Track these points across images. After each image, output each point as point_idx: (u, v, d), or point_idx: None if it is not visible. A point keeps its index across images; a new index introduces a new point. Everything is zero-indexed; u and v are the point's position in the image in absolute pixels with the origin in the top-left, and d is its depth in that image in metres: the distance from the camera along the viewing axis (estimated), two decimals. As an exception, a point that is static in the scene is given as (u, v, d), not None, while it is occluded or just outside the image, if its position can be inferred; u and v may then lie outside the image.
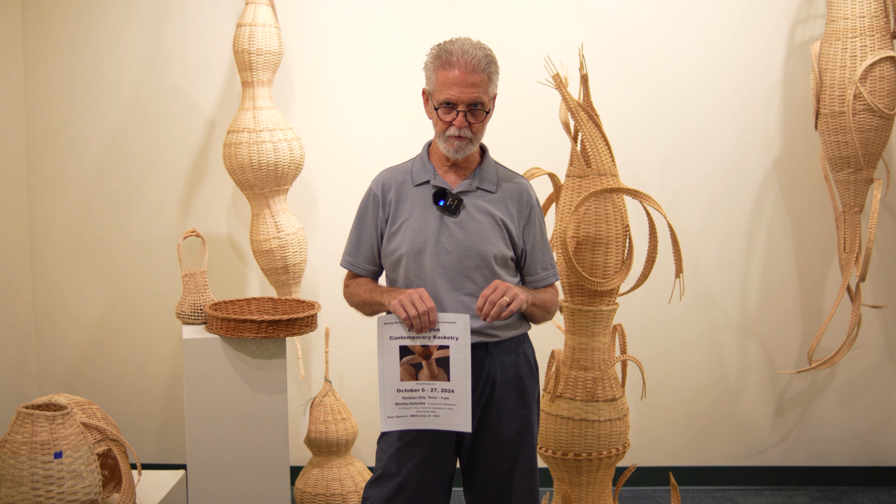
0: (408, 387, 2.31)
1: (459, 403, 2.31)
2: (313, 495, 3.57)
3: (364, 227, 2.47)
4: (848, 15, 3.51)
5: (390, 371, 2.30)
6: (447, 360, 2.30)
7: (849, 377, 4.06)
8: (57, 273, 4.05)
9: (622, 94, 3.91)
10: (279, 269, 3.67)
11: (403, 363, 2.30)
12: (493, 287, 2.27)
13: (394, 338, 2.31)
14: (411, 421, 2.32)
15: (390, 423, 2.32)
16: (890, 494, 4.00)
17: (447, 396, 2.31)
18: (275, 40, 3.63)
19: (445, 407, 2.31)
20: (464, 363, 2.30)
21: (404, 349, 2.30)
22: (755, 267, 4.01)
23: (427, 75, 2.37)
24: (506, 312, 2.26)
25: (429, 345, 2.30)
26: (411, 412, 2.32)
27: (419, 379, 2.30)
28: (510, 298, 2.26)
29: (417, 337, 2.29)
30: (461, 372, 2.30)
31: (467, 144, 2.35)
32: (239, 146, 3.55)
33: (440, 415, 2.31)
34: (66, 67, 3.97)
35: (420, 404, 2.31)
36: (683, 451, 4.09)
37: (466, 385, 2.30)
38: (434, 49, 2.36)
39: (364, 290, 2.45)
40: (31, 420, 2.40)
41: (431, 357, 2.30)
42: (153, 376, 4.09)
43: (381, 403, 2.31)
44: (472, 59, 2.29)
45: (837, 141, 3.57)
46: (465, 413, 2.31)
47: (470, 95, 2.29)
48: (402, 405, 2.31)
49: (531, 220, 2.46)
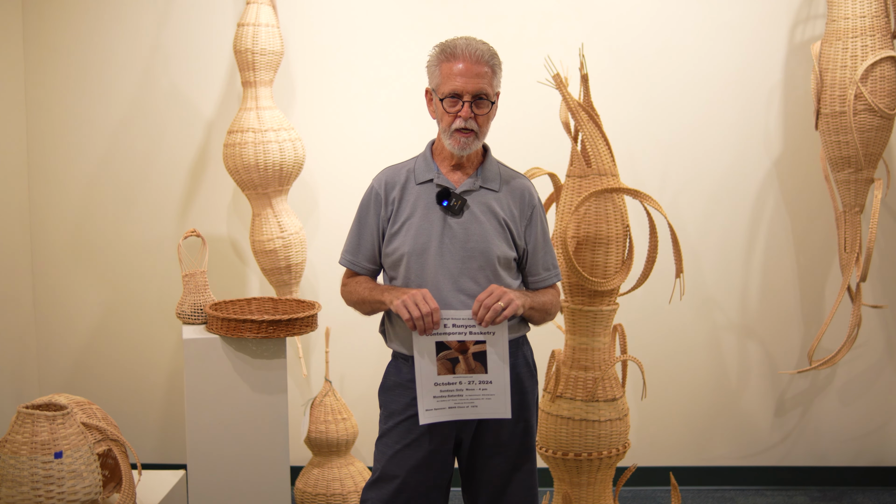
0: (445, 380, 2.31)
1: (498, 393, 2.32)
2: (313, 495, 3.57)
3: (365, 226, 2.46)
4: (848, 15, 3.51)
5: (427, 365, 2.30)
6: (484, 354, 2.31)
7: (849, 377, 4.06)
8: (57, 273, 4.05)
9: (622, 94, 3.91)
10: (282, 268, 3.67)
11: (440, 358, 2.30)
12: (489, 291, 2.28)
13: (432, 333, 2.30)
14: (450, 413, 2.32)
15: (429, 416, 2.31)
16: (890, 494, 4.00)
17: (485, 387, 2.32)
18: (277, 40, 3.64)
19: (484, 397, 2.32)
20: (502, 356, 2.31)
21: (440, 345, 2.30)
22: (755, 267, 4.01)
23: (431, 72, 2.38)
24: (500, 318, 2.27)
25: (465, 340, 2.30)
26: (449, 404, 2.31)
27: (456, 372, 2.31)
28: (505, 304, 2.27)
29: (454, 333, 2.30)
30: (499, 364, 2.32)
31: (473, 140, 2.35)
32: (244, 146, 3.54)
33: (479, 405, 2.32)
34: (66, 67, 3.97)
35: (458, 396, 2.31)
36: (683, 451, 4.09)
37: (505, 375, 2.32)
38: (437, 46, 2.38)
39: (363, 289, 2.44)
40: (31, 420, 2.40)
41: (468, 352, 2.31)
42: (153, 376, 4.09)
43: (419, 397, 2.30)
44: (476, 51, 2.32)
45: (838, 141, 3.57)
46: (505, 400, 2.32)
47: (475, 85, 2.31)
48: (440, 398, 2.31)
49: (533, 219, 2.46)
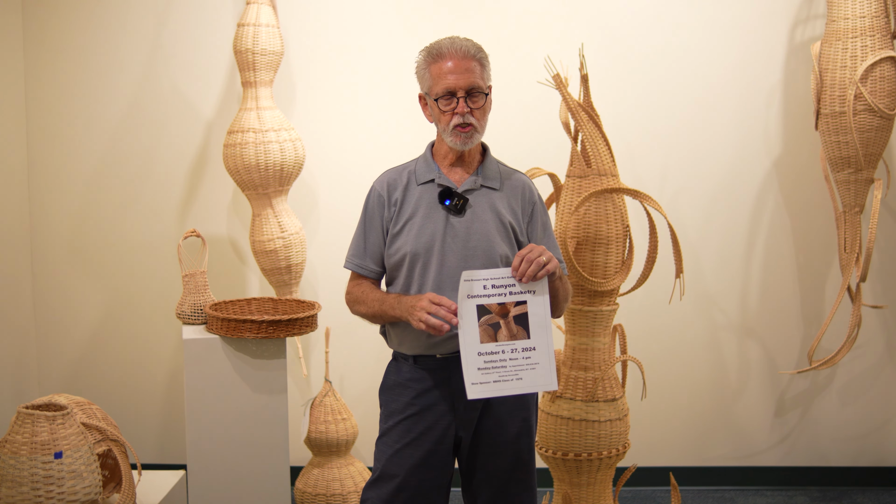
0: (489, 349, 2.26)
1: (542, 361, 2.27)
2: (313, 495, 3.57)
3: (371, 228, 2.45)
4: (848, 15, 3.51)
5: (470, 334, 2.25)
6: (525, 317, 2.27)
7: (849, 377, 4.06)
8: (57, 273, 4.05)
9: (622, 94, 3.91)
10: (282, 269, 3.67)
11: (482, 324, 2.25)
12: (530, 247, 2.26)
13: (471, 296, 2.25)
14: (495, 387, 2.27)
15: (476, 391, 2.25)
16: (890, 494, 4.00)
17: (528, 356, 2.27)
18: (277, 40, 3.64)
19: (528, 367, 2.27)
20: (543, 317, 2.27)
21: (481, 308, 2.25)
22: (755, 267, 4.01)
23: (421, 76, 2.40)
24: (542, 272, 2.24)
25: (505, 302, 2.26)
26: (494, 377, 2.26)
27: (498, 340, 2.27)
28: (547, 259, 2.25)
29: (494, 294, 2.25)
30: (541, 326, 2.27)
31: (473, 133, 2.36)
32: (245, 146, 3.54)
33: (523, 377, 2.27)
34: (66, 67, 3.96)
35: (502, 368, 2.26)
36: (683, 451, 4.09)
37: (548, 340, 2.27)
38: (423, 51, 2.40)
39: (372, 300, 2.42)
40: (31, 420, 2.40)
41: (509, 315, 2.26)
42: (153, 376, 4.09)
43: (464, 368, 2.25)
44: (462, 47, 2.34)
45: (838, 141, 3.57)
46: (550, 370, 2.27)
47: (467, 80, 2.32)
48: (485, 370, 2.26)
49: (534, 216, 2.47)
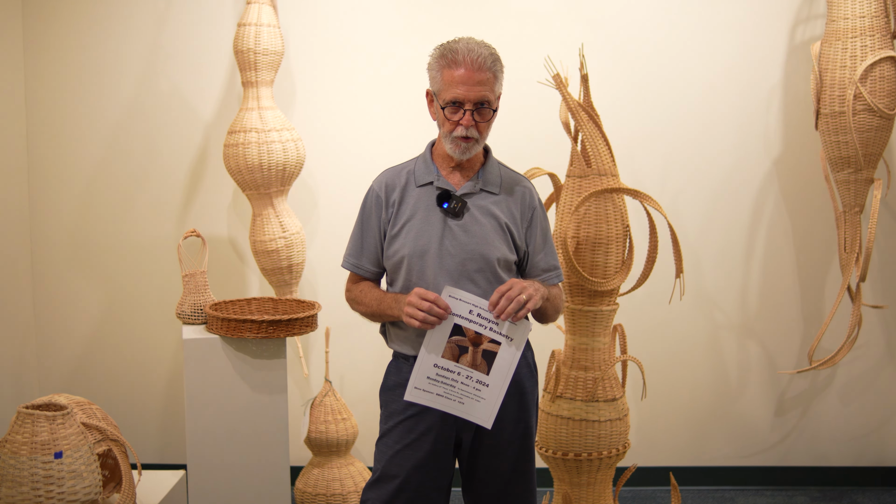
0: (445, 365, 2.26)
1: (489, 399, 2.27)
2: (313, 495, 3.57)
3: (368, 229, 2.44)
4: (848, 15, 3.51)
5: (437, 344, 2.25)
6: (493, 357, 2.27)
7: (849, 377, 4.06)
8: (57, 273, 4.05)
9: (622, 94, 3.91)
10: (283, 268, 3.67)
11: (451, 341, 2.25)
12: (510, 284, 2.24)
13: (455, 314, 2.24)
14: (435, 399, 2.28)
15: (415, 395, 2.27)
16: (890, 494, 4.00)
17: (479, 389, 2.27)
18: (278, 40, 3.64)
19: (473, 398, 2.27)
20: (509, 365, 2.27)
21: (458, 328, 2.25)
22: (755, 267, 4.01)
23: (432, 75, 2.35)
24: (522, 311, 2.22)
25: (482, 333, 2.26)
26: (438, 391, 2.27)
27: (459, 362, 2.27)
28: (527, 297, 2.23)
29: (476, 323, 2.24)
30: (503, 372, 2.27)
31: (473, 145, 2.33)
32: (247, 146, 3.54)
33: (465, 403, 2.28)
34: (66, 67, 3.96)
35: (450, 387, 2.27)
36: (683, 451, 4.09)
37: (503, 385, 2.27)
38: (438, 49, 2.34)
39: (371, 299, 2.42)
40: (31, 420, 2.40)
41: (480, 346, 2.26)
42: (153, 376, 4.09)
43: (414, 371, 2.26)
44: (478, 57, 2.27)
45: (838, 141, 3.57)
46: (492, 410, 2.27)
47: (477, 94, 2.27)
48: (433, 381, 2.26)
49: (533, 222, 2.44)
